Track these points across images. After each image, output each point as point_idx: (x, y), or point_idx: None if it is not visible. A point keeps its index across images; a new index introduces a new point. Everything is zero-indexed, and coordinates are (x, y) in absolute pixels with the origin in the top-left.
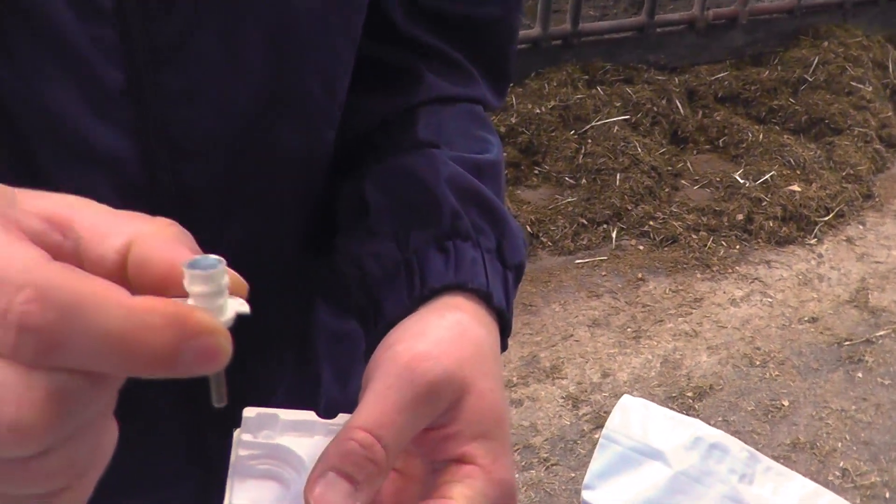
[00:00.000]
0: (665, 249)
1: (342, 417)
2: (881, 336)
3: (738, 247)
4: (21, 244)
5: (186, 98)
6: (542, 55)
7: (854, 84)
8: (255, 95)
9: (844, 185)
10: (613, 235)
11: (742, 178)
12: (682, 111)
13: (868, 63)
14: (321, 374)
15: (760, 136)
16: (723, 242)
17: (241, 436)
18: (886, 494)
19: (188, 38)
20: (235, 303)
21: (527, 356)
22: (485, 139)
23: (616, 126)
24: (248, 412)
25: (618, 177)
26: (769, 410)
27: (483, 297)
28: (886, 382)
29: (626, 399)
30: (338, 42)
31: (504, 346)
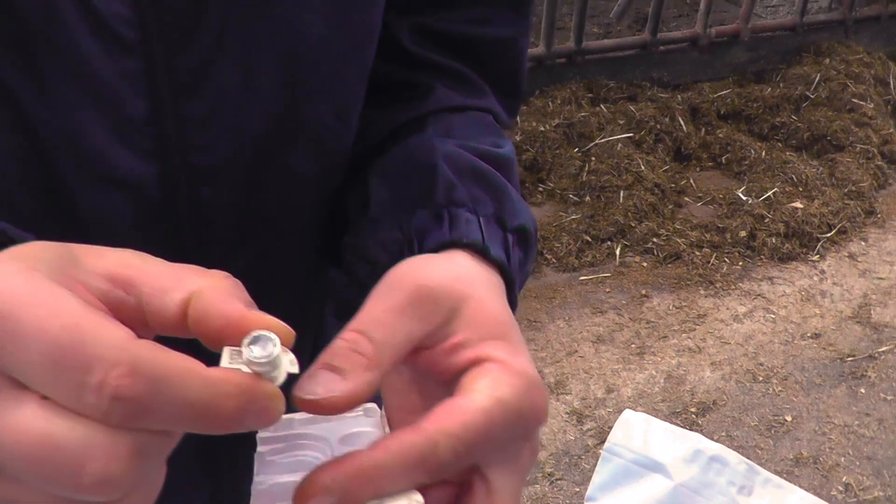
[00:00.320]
0: (669, 266)
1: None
2: (884, 352)
3: (741, 263)
4: (109, 323)
5: (204, 124)
6: (547, 73)
7: (856, 101)
8: (269, 121)
9: (846, 202)
10: (617, 252)
11: (745, 195)
12: (685, 128)
13: (870, 80)
14: None
15: (763, 153)
16: (726, 259)
17: (259, 435)
18: None
19: (209, 68)
20: (287, 360)
21: None
22: (496, 141)
23: (620, 143)
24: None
25: (621, 194)
26: (772, 426)
27: (480, 252)
28: (889, 398)
29: (628, 413)
30: (350, 71)
31: (514, 303)
